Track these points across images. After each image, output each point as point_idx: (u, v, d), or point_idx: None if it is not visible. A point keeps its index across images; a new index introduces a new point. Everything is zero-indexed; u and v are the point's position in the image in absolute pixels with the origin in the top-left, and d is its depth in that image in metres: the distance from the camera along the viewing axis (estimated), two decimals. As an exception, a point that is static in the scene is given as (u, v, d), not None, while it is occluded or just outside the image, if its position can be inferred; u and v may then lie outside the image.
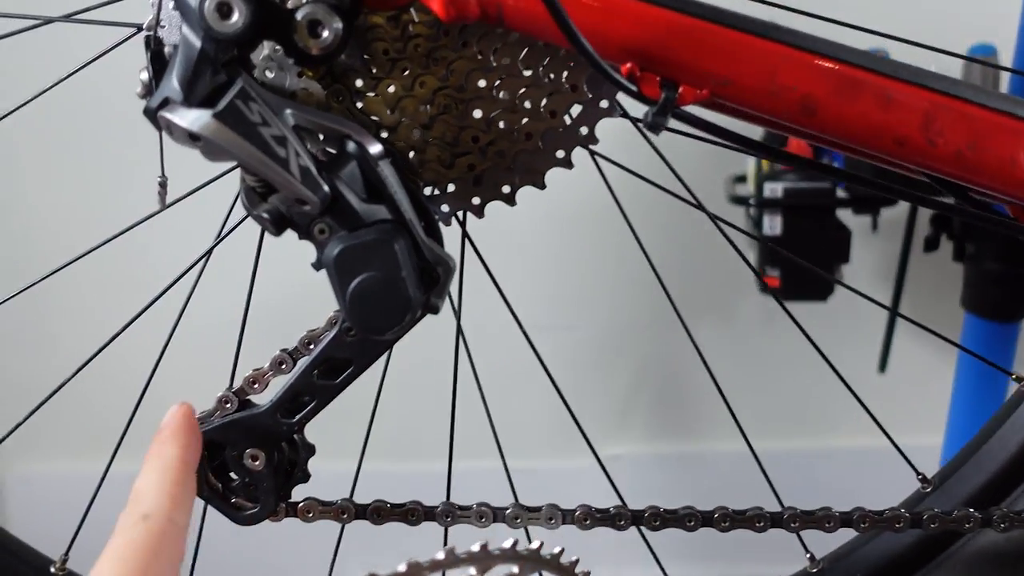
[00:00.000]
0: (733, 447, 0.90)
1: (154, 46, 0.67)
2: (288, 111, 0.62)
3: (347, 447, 0.90)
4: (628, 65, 0.63)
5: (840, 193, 1.43)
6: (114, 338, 0.80)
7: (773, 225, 1.41)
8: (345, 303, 0.63)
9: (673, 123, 0.65)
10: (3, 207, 1.79)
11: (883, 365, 1.63)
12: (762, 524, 0.78)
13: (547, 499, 0.77)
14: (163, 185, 0.72)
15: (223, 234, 0.75)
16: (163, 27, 0.67)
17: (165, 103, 0.60)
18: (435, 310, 0.67)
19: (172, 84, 0.60)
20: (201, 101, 0.60)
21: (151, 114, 0.61)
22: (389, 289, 0.63)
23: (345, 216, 0.63)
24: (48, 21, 0.78)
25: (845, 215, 1.46)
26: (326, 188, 0.62)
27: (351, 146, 0.64)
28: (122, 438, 0.83)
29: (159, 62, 0.67)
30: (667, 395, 1.94)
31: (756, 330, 1.81)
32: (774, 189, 1.40)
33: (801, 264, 1.38)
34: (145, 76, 0.67)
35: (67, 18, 0.76)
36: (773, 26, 0.63)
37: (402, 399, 1.19)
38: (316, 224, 0.64)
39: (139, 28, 0.67)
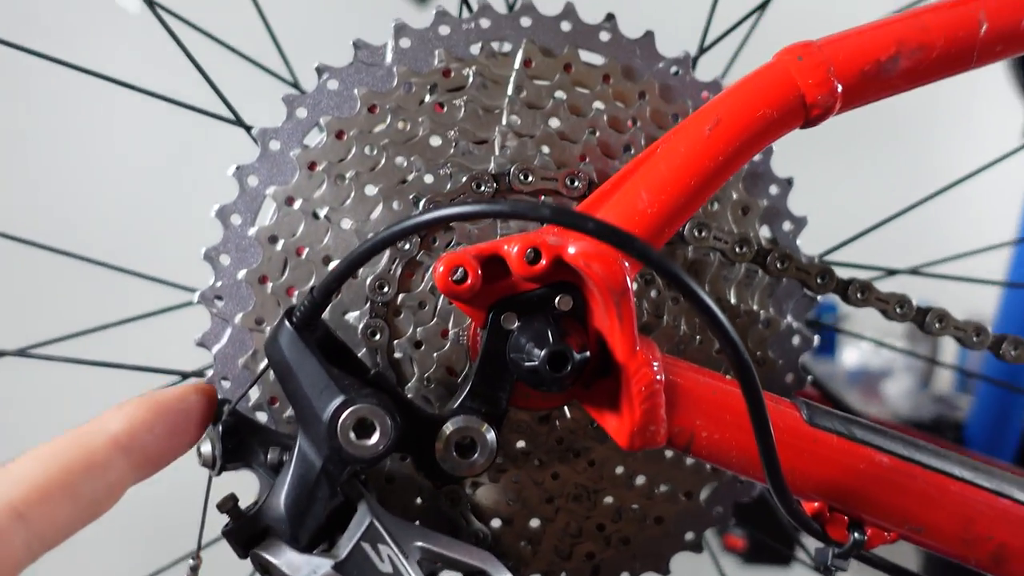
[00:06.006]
0: None
1: (227, 416, 0.52)
2: (417, 544, 0.49)
3: None
4: (816, 504, 0.54)
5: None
6: None
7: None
8: None
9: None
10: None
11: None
12: None
13: None
14: (194, 569, 0.56)
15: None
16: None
17: (264, 534, 0.46)
18: None
19: (278, 508, 0.46)
20: (313, 534, 0.46)
21: (241, 545, 0.47)
22: None
23: None
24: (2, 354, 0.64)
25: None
26: None
27: (483, 585, 0.51)
28: None
29: (233, 438, 0.52)
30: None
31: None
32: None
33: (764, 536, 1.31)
34: (208, 450, 0.52)
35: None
36: (973, 465, 0.55)
37: None
38: None
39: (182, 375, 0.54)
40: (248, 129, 0.60)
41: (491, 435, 0.49)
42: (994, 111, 1.36)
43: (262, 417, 0.59)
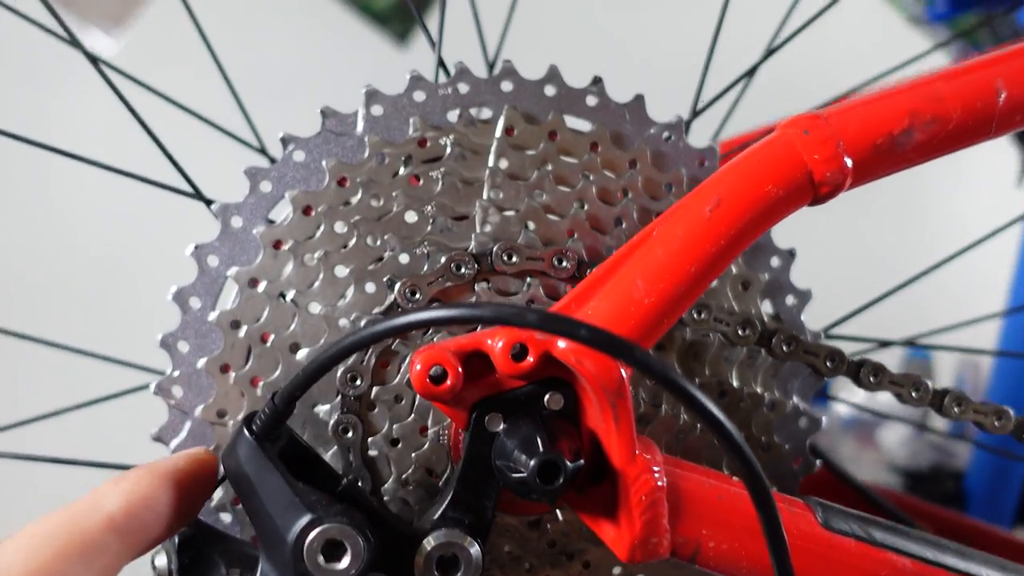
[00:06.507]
0: None
1: (186, 528, 0.47)
2: None
3: None
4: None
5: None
6: None
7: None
8: None
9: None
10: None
11: None
12: None
13: None
14: None
15: None
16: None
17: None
18: None
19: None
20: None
21: None
22: None
23: None
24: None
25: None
26: None
27: None
28: None
29: (190, 550, 0.47)
30: None
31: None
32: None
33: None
34: (163, 563, 0.47)
35: None
36: (1001, 564, 0.51)
37: None
38: None
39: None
40: (208, 203, 0.55)
41: (475, 549, 0.44)
42: (986, 154, 1.34)
43: (226, 518, 0.54)
